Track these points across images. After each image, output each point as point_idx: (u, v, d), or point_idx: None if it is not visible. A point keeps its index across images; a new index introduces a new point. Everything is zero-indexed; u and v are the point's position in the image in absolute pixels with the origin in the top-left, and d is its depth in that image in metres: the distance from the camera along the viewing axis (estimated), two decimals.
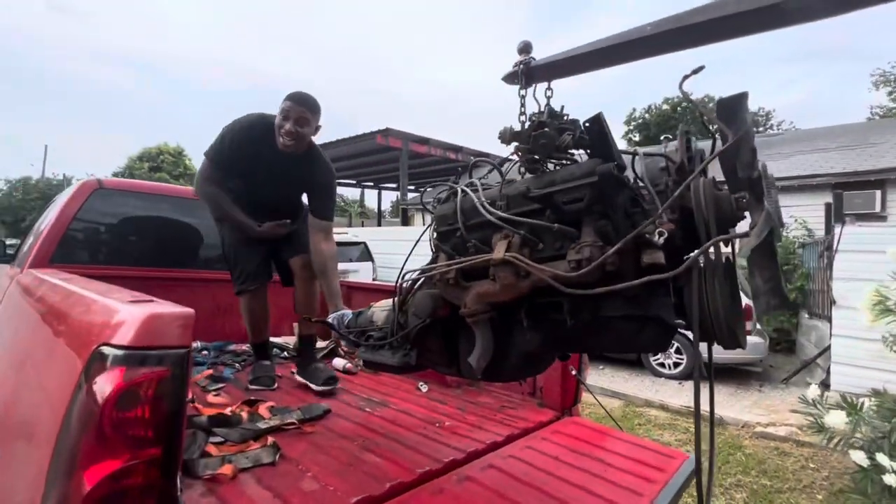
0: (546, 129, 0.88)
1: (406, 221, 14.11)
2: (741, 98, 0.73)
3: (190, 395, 1.67)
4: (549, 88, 0.98)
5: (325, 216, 2.08)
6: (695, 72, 0.75)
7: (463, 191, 1.04)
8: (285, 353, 2.61)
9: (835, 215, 6.68)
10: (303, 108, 1.93)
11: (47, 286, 1.30)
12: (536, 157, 0.92)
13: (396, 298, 1.19)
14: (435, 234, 1.09)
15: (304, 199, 2.21)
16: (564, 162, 0.92)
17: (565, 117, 0.93)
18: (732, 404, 4.56)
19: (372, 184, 19.15)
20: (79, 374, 0.72)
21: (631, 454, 1.54)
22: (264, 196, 2.13)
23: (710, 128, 0.81)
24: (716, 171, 0.79)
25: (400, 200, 14.13)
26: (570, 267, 0.80)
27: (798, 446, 3.78)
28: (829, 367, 4.89)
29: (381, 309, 1.34)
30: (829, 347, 4.86)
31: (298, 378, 2.12)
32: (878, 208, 7.37)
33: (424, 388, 2.14)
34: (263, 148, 1.98)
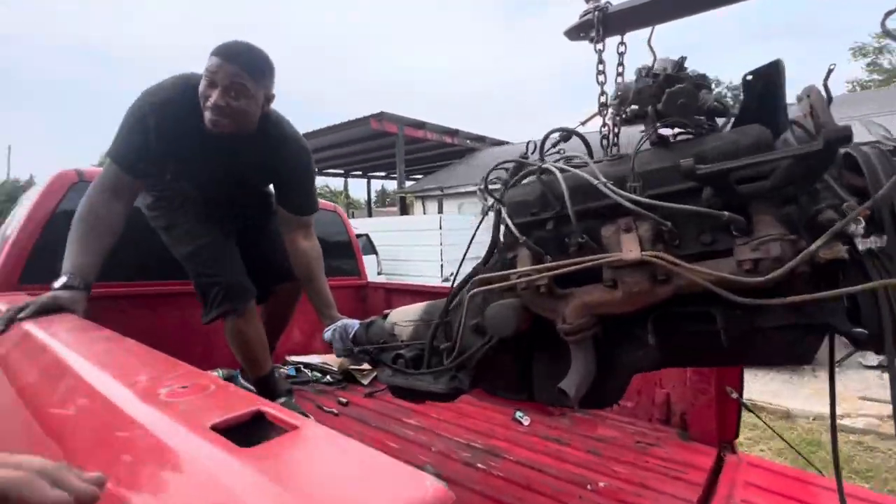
0: (684, 84, 0.72)
1: (405, 210, 13.48)
2: None
3: None
4: (621, 43, 0.84)
5: (303, 210, 1.53)
6: None
7: (561, 169, 0.80)
8: (328, 376, 2.11)
9: None
10: (235, 66, 1.19)
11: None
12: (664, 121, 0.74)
13: (464, 312, 0.93)
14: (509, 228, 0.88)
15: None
16: (704, 128, 0.74)
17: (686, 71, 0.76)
18: (794, 394, 4.24)
19: (360, 172, 18.41)
20: None
21: None
22: (217, 199, 1.52)
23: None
24: None
25: (398, 188, 13.46)
26: (745, 269, 0.63)
27: (881, 439, 3.45)
28: None
29: (406, 322, 1.09)
30: None
31: None
32: None
33: (526, 421, 1.67)
34: (194, 131, 1.27)
